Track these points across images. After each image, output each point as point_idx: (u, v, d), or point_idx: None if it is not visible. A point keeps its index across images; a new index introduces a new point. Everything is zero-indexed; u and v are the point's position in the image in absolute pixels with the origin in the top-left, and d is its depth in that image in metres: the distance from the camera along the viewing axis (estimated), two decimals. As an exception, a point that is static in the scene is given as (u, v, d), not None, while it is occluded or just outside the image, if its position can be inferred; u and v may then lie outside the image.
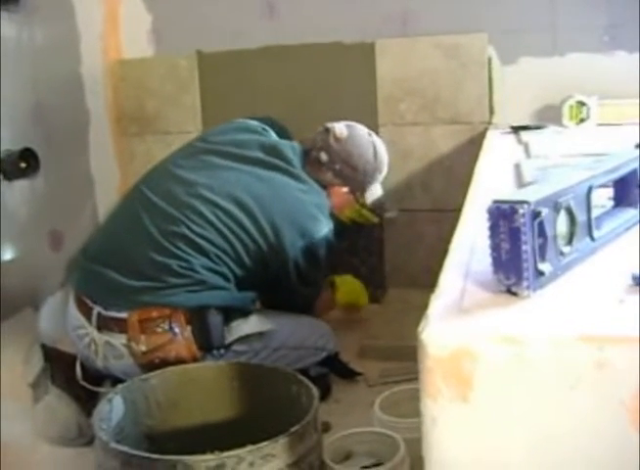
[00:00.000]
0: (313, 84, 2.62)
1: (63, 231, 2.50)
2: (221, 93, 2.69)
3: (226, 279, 1.80)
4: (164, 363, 1.69)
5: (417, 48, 2.52)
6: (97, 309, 1.78)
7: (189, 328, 1.74)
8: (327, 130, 2.00)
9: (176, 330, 1.73)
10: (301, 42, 2.60)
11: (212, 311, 1.76)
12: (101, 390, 1.82)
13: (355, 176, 2.01)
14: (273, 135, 2.05)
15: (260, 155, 1.91)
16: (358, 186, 2.05)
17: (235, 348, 1.80)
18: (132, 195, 1.94)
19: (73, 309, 1.84)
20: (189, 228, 1.78)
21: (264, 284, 1.89)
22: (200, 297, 1.75)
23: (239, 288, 1.83)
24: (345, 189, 2.03)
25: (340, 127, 2.00)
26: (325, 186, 1.98)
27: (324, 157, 1.97)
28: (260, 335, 1.83)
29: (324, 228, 1.90)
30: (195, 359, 1.73)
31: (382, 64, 2.55)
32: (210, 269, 1.78)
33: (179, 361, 1.70)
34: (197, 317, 1.75)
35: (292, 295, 1.94)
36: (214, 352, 1.76)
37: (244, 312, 1.83)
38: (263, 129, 2.05)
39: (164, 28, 2.76)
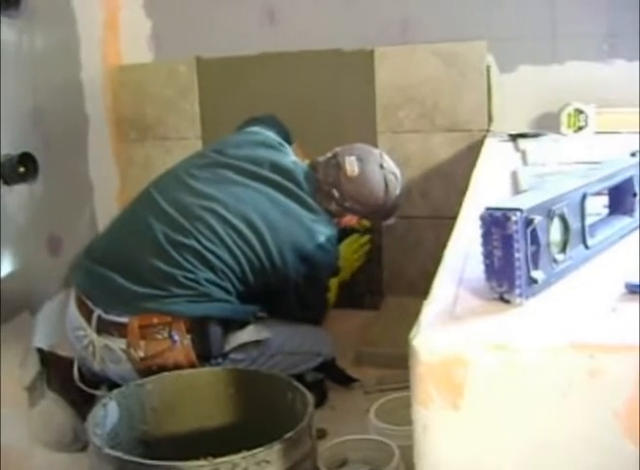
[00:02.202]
0: (312, 91, 2.62)
1: (61, 236, 2.50)
2: (220, 99, 2.70)
3: (228, 293, 1.80)
4: (162, 370, 1.68)
5: (416, 56, 2.52)
6: (97, 312, 1.77)
7: (189, 337, 1.74)
8: (338, 165, 1.97)
9: (176, 338, 1.73)
10: (301, 49, 2.60)
11: (213, 321, 1.76)
12: (97, 392, 1.82)
13: (365, 211, 2.01)
14: (289, 151, 2.05)
15: (276, 177, 1.91)
16: (366, 216, 2.05)
17: (232, 356, 1.79)
18: (142, 199, 1.93)
19: (74, 310, 1.84)
20: (198, 241, 1.78)
21: (265, 299, 1.90)
22: (202, 307, 1.75)
23: (240, 301, 1.84)
24: (354, 219, 2.03)
25: (350, 164, 1.96)
26: (334, 215, 1.98)
27: (335, 193, 1.95)
28: (257, 343, 1.83)
29: (330, 258, 1.92)
30: (193, 368, 1.72)
31: (381, 71, 2.55)
32: (214, 283, 1.78)
33: (177, 369, 1.70)
34: (197, 326, 1.75)
35: (292, 314, 1.94)
36: (212, 360, 1.76)
37: (242, 323, 1.84)
38: (279, 144, 2.04)
39: (164, 34, 2.77)
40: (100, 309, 1.77)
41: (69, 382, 1.83)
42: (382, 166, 2.00)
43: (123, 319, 1.74)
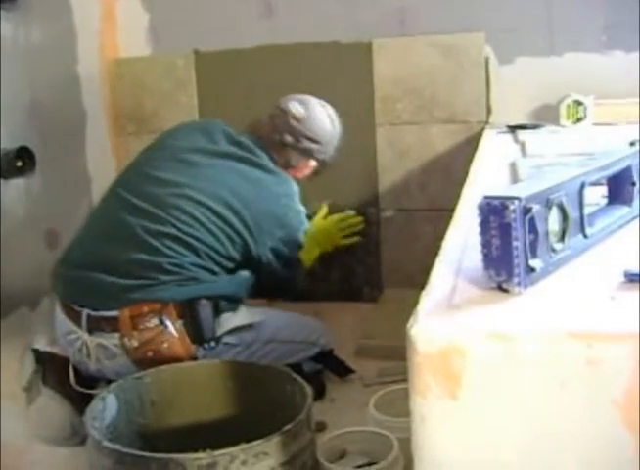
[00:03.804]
0: (310, 83, 2.59)
1: (59, 230, 2.49)
2: (218, 92, 2.69)
3: (214, 273, 1.83)
4: (157, 357, 1.70)
5: (414, 47, 2.51)
6: (86, 312, 1.78)
7: (180, 321, 1.76)
8: (283, 112, 2.03)
9: (167, 323, 1.74)
10: (299, 41, 2.59)
11: (203, 304, 1.77)
12: (94, 392, 1.81)
13: (320, 148, 2.06)
14: (226, 126, 2.08)
15: (233, 149, 1.95)
16: (323, 156, 2.09)
17: (226, 340, 1.81)
18: (110, 200, 1.94)
19: (61, 316, 1.84)
20: (177, 228, 1.80)
21: (249, 270, 1.93)
22: (190, 290, 1.77)
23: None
24: (312, 162, 2.08)
25: (295, 107, 2.03)
26: (292, 165, 2.03)
27: (288, 138, 2.01)
28: (250, 327, 1.85)
29: (298, 215, 1.98)
30: (187, 352, 1.74)
31: (379, 63, 2.54)
32: (199, 266, 1.80)
33: (171, 355, 1.71)
34: (188, 310, 1.76)
35: (273, 276, 1.97)
36: (205, 344, 1.77)
37: (234, 305, 1.85)
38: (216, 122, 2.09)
39: (162, 27, 2.76)
40: (88, 309, 1.78)
41: (66, 378, 1.83)
42: (322, 105, 2.10)
43: (114, 313, 1.75)
